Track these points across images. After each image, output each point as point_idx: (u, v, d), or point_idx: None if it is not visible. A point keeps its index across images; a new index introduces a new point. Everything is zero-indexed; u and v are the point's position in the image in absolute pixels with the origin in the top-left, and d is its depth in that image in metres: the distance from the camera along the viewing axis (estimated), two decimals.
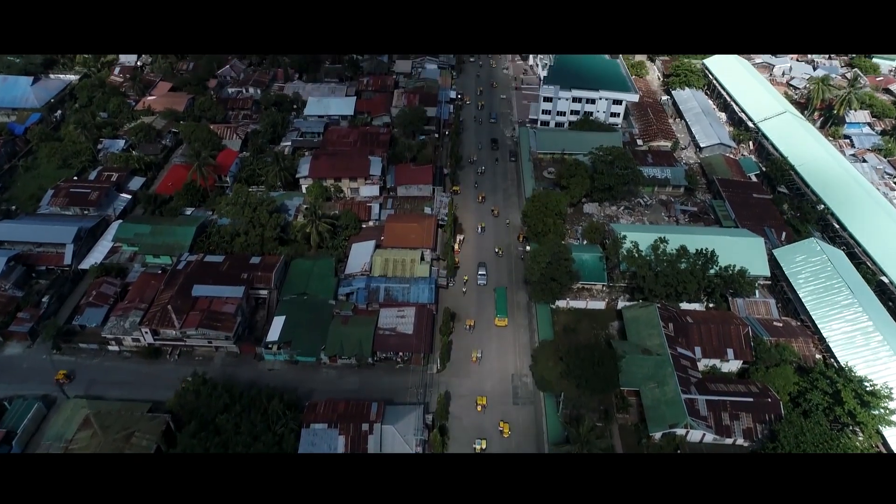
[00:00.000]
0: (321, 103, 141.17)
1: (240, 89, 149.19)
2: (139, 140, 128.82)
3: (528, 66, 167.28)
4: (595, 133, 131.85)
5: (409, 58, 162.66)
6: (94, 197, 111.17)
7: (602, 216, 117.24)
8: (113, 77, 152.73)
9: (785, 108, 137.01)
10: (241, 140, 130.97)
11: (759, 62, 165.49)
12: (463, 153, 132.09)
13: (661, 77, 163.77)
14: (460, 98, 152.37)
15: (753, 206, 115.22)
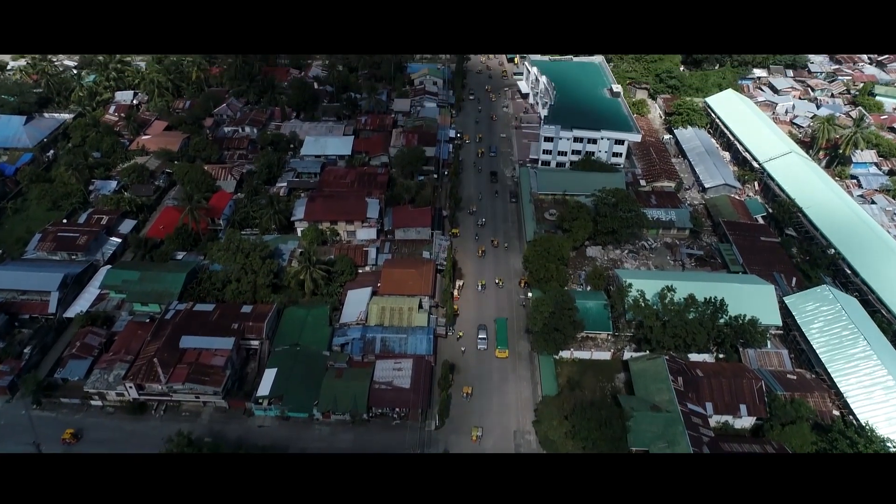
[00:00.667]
0: (318, 143, 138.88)
1: (236, 128, 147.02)
2: (132, 181, 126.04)
3: (528, 104, 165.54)
4: (597, 174, 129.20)
5: (407, 96, 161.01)
6: (83, 241, 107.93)
7: (606, 260, 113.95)
8: (108, 116, 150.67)
9: (790, 147, 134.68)
10: (235, 181, 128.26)
11: (762, 100, 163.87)
12: (462, 194, 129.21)
13: (663, 115, 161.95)
14: (460, 137, 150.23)
15: (761, 250, 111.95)
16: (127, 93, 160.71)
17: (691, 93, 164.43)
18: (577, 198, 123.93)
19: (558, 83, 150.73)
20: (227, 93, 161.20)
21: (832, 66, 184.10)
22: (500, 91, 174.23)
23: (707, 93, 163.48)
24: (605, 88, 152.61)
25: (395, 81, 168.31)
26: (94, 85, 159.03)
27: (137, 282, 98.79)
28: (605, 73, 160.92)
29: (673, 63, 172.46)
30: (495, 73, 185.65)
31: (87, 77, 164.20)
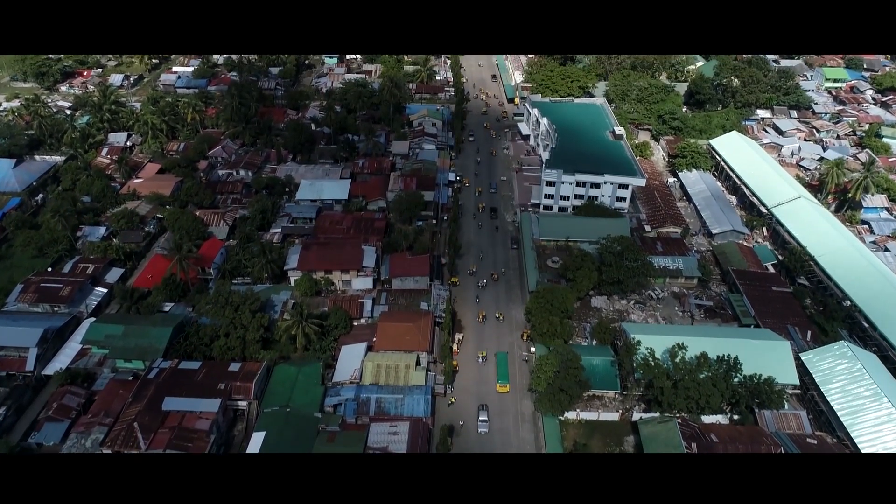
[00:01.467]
0: (314, 187, 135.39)
1: (230, 171, 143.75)
2: (121, 227, 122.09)
3: (528, 146, 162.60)
4: (601, 219, 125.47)
5: (406, 138, 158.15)
6: (66, 292, 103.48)
7: (611, 311, 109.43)
8: (100, 159, 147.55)
9: (799, 192, 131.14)
10: (228, 227, 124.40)
11: (767, 142, 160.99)
12: (462, 240, 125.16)
13: (666, 157, 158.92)
14: (459, 180, 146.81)
15: (773, 301, 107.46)
16: (121, 134, 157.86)
17: (695, 134, 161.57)
18: (580, 244, 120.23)
19: (560, 125, 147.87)
20: (223, 134, 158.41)
21: (836, 107, 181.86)
22: (500, 132, 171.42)
23: (711, 134, 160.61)
24: (607, 131, 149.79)
25: (393, 123, 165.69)
26: (87, 127, 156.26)
27: (121, 337, 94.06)
28: (607, 115, 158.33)
29: (675, 104, 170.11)
30: (495, 113, 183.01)
31: (81, 118, 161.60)
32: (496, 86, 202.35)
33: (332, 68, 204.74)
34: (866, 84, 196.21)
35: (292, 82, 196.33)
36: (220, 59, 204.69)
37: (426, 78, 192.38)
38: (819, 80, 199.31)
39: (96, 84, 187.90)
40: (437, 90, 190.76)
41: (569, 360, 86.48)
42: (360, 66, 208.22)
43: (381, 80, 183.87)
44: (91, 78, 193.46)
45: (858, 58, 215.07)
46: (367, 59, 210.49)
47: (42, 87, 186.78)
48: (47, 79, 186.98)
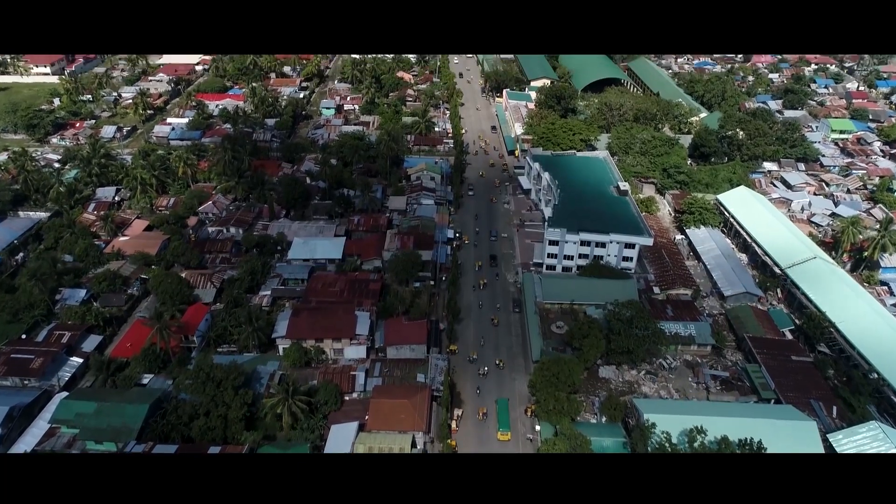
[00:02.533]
0: (307, 245, 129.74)
1: (221, 228, 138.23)
2: (102, 290, 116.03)
3: (530, 200, 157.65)
4: (607, 280, 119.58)
5: (403, 193, 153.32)
6: (38, 364, 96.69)
7: (621, 382, 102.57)
8: (86, 215, 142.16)
9: (813, 251, 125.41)
10: (216, 289, 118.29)
11: (776, 197, 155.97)
12: (462, 303, 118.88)
13: (672, 213, 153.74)
14: (459, 237, 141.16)
15: (794, 372, 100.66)
16: (109, 189, 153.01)
17: (701, 188, 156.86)
18: (585, 307, 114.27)
19: (562, 180, 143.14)
20: (214, 189, 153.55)
21: (845, 160, 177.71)
22: (501, 185, 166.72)
23: (717, 188, 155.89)
24: (611, 186, 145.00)
25: (390, 177, 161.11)
26: (74, 182, 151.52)
27: (92, 415, 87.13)
28: (611, 169, 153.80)
29: (680, 157, 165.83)
30: (496, 166, 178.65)
31: (69, 173, 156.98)
32: (496, 136, 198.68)
33: (330, 119, 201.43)
34: (873, 135, 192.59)
35: (288, 134, 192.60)
36: (216, 109, 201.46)
37: (425, 129, 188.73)
38: (825, 131, 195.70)
39: (88, 136, 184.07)
40: (435, 142, 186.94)
41: (578, 445, 79.40)
42: (358, 118, 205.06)
43: (379, 132, 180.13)
44: (83, 129, 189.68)
45: (864, 108, 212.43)
46: (365, 110, 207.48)
47: (33, 138, 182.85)
48: (38, 130, 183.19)
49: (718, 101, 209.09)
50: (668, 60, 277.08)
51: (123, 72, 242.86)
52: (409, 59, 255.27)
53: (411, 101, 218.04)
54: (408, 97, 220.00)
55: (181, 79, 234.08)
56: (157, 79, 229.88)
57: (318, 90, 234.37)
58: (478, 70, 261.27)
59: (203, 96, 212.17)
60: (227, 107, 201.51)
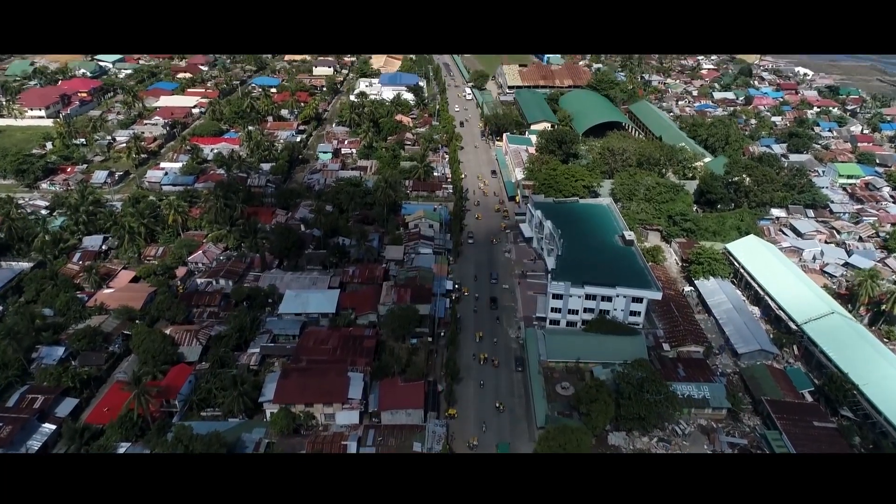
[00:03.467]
0: (299, 298, 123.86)
1: (210, 280, 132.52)
2: (82, 347, 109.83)
3: (532, 248, 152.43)
4: (614, 337, 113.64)
5: (401, 242, 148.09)
6: (6, 433, 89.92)
7: (632, 449, 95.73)
8: (70, 265, 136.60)
9: (830, 305, 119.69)
10: (201, 346, 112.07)
11: (787, 246, 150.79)
12: (461, 363, 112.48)
13: (679, 262, 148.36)
14: (458, 289, 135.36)
15: (817, 440, 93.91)
16: (96, 238, 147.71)
17: (708, 236, 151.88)
18: (592, 366, 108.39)
19: (565, 228, 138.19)
20: (205, 237, 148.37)
21: (855, 206, 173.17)
22: (501, 233, 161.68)
23: (725, 236, 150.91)
24: (616, 235, 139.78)
25: (387, 224, 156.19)
26: (60, 230, 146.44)
27: None
28: (616, 217, 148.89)
29: (686, 204, 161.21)
30: (496, 209, 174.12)
31: (55, 221, 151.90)
32: (496, 181, 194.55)
33: (326, 164, 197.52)
34: (882, 180, 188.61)
35: (284, 179, 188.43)
36: (211, 154, 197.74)
37: (423, 174, 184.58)
38: (832, 175, 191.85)
39: (79, 181, 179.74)
40: (434, 187, 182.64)
41: None
42: (356, 162, 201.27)
43: (376, 177, 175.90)
44: (74, 174, 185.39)
45: (870, 152, 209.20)
46: (363, 154, 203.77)
47: (22, 184, 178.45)
48: (28, 176, 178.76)
49: (722, 145, 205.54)
50: (668, 103, 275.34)
51: (119, 115, 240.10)
52: (408, 102, 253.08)
53: (410, 144, 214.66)
54: (406, 141, 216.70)
55: (177, 122, 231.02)
56: (152, 122, 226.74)
57: (315, 133, 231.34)
58: (477, 112, 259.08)
59: (198, 140, 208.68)
60: (222, 151, 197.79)
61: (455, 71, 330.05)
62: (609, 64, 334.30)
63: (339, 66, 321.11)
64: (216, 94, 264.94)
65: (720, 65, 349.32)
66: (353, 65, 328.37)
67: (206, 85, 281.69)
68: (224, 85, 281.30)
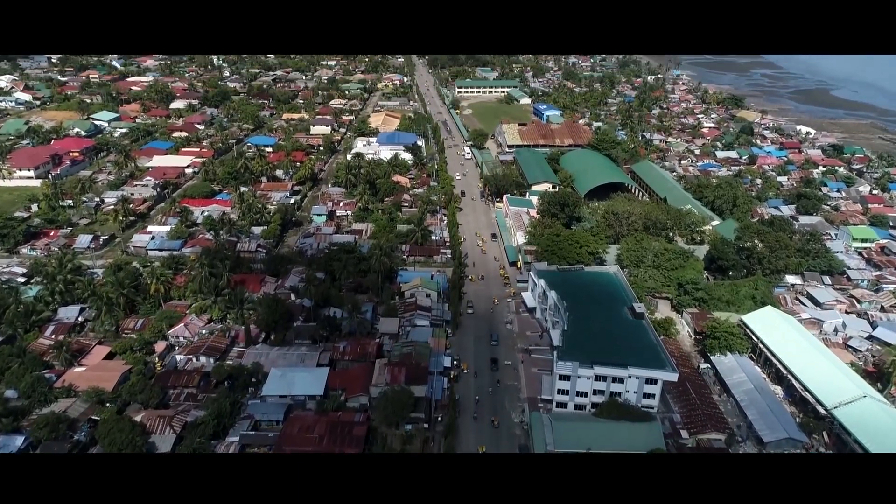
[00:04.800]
0: (285, 379, 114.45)
1: (190, 357, 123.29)
2: (43, 437, 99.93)
3: (535, 319, 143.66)
4: (627, 424, 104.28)
5: (396, 313, 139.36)
6: None
7: None
8: (41, 340, 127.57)
9: (861, 388, 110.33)
10: (175, 435, 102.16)
11: (806, 317, 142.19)
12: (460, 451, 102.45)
13: (692, 334, 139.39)
14: (457, 365, 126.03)
15: None
16: (72, 309, 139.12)
17: (722, 306, 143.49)
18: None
19: (570, 299, 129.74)
20: (189, 308, 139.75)
21: (873, 273, 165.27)
22: (502, 303, 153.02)
23: (740, 306, 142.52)
24: (625, 307, 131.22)
25: (382, 293, 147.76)
26: (34, 301, 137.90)
27: None
28: (624, 287, 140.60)
29: (696, 271, 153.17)
30: (496, 276, 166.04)
31: (30, 290, 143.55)
32: (496, 245, 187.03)
33: (320, 227, 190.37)
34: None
35: (275, 243, 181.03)
36: (200, 216, 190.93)
37: (421, 239, 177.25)
38: (845, 239, 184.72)
39: (61, 246, 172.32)
40: (432, 252, 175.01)
41: None
42: (351, 225, 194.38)
43: (372, 242, 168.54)
44: (57, 238, 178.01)
45: (882, 214, 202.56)
46: (358, 217, 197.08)
47: (1, 249, 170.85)
48: (8, 240, 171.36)
49: (730, 207, 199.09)
50: (671, 162, 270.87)
51: (110, 175, 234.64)
52: (406, 162, 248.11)
53: (407, 206, 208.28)
54: (404, 202, 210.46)
55: (169, 182, 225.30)
56: (143, 183, 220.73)
57: (310, 194, 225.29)
58: (476, 172, 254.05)
59: (188, 202, 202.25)
60: (212, 214, 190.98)
61: (454, 129, 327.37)
62: (609, 122, 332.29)
63: (338, 124, 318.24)
64: (211, 153, 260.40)
65: (721, 122, 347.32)
66: (351, 123, 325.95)
67: (201, 144, 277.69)
68: (220, 144, 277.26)
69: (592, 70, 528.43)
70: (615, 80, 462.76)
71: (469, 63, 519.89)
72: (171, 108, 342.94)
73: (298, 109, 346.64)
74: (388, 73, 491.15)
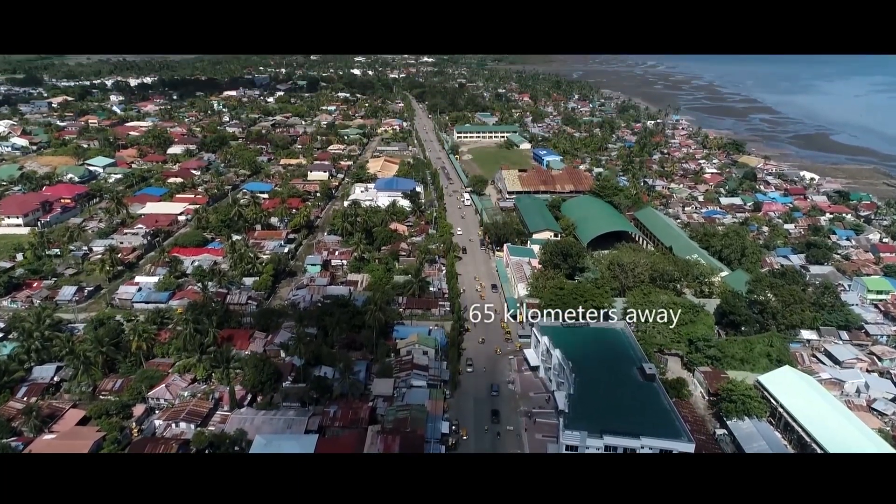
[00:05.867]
0: (270, 448, 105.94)
1: (170, 423, 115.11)
2: None
3: (538, 378, 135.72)
4: None
5: (391, 373, 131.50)
6: None
7: None
8: (12, 402, 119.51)
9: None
10: None
11: (826, 377, 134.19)
12: None
13: (706, 395, 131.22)
14: (455, 430, 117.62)
15: None
16: (48, 367, 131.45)
17: (736, 364, 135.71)
18: None
19: (576, 358, 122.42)
20: (172, 367, 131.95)
21: (892, 327, 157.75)
22: (503, 360, 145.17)
23: (755, 365, 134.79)
24: (635, 367, 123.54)
25: (377, 350, 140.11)
26: (8, 360, 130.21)
27: None
28: (632, 344, 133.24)
29: (707, 326, 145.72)
30: (494, 327, 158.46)
31: (5, 348, 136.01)
32: (496, 296, 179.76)
33: (314, 278, 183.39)
34: None
35: (267, 295, 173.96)
36: (190, 266, 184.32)
37: (418, 290, 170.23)
38: (860, 291, 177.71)
39: (44, 298, 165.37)
40: (430, 305, 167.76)
41: None
42: (346, 275, 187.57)
43: (367, 294, 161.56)
44: (40, 290, 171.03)
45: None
46: (354, 267, 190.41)
47: None
48: None
49: (738, 257, 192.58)
50: (675, 209, 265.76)
51: (101, 222, 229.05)
52: (404, 209, 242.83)
53: (405, 255, 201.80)
54: (401, 251, 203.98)
55: (160, 230, 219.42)
56: (133, 231, 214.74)
57: (305, 242, 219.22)
58: (476, 219, 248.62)
59: (179, 251, 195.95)
60: (202, 264, 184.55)
61: (454, 174, 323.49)
62: (610, 168, 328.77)
63: (336, 170, 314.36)
64: (206, 199, 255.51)
65: (723, 168, 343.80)
66: (349, 169, 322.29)
67: (196, 190, 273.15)
68: (215, 190, 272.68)
69: (592, 115, 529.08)
70: (615, 125, 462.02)
71: (468, 108, 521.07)
72: (169, 153, 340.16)
73: (296, 155, 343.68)
74: (388, 117, 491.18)
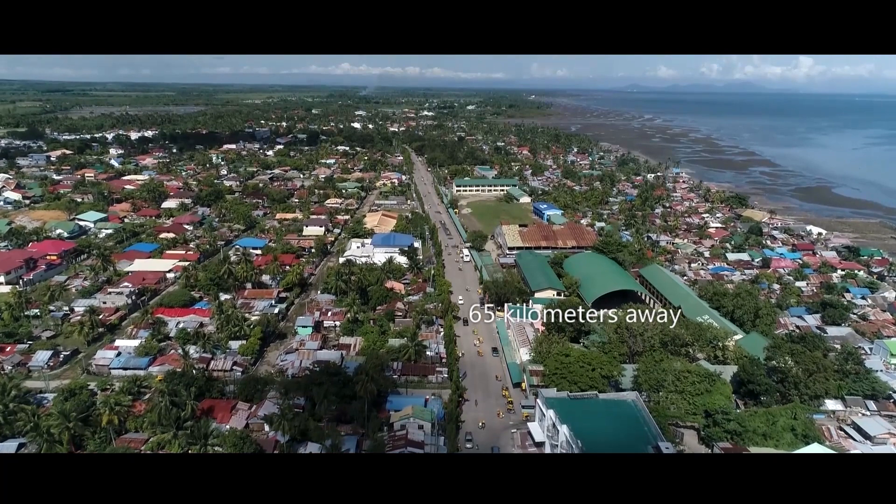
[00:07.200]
0: None
1: None
2: None
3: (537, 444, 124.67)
4: None
5: (383, 448, 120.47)
6: None
7: None
8: None
9: None
10: None
11: (857, 454, 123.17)
12: None
13: None
14: None
15: None
16: (10, 444, 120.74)
17: (758, 440, 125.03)
18: None
19: (585, 434, 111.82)
20: (144, 444, 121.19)
21: None
22: (505, 433, 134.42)
23: (778, 440, 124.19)
24: (650, 445, 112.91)
25: (368, 424, 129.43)
26: None
27: None
28: (644, 418, 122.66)
29: (725, 396, 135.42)
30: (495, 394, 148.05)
31: None
32: (497, 362, 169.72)
33: (304, 341, 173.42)
34: None
35: (254, 360, 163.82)
36: (175, 328, 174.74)
37: (414, 355, 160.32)
38: (883, 355, 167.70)
39: (15, 364, 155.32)
40: (427, 371, 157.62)
41: None
42: (338, 338, 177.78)
43: (359, 361, 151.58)
44: (12, 355, 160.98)
45: None
46: (347, 329, 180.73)
47: None
48: None
49: (751, 318, 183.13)
50: (681, 266, 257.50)
51: (85, 280, 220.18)
52: (401, 266, 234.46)
53: (401, 316, 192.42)
54: (397, 311, 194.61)
55: (146, 289, 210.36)
56: (118, 290, 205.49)
57: (298, 301, 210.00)
58: (475, 276, 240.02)
59: (164, 311, 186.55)
60: (187, 326, 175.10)
61: (452, 229, 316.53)
62: (612, 223, 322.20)
63: (332, 224, 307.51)
64: (196, 256, 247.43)
65: (727, 222, 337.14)
66: (346, 223, 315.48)
67: (188, 246, 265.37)
68: (207, 246, 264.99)
69: (591, 168, 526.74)
70: (615, 179, 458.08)
71: (468, 161, 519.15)
72: (163, 207, 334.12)
73: (293, 209, 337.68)
74: (387, 171, 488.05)
